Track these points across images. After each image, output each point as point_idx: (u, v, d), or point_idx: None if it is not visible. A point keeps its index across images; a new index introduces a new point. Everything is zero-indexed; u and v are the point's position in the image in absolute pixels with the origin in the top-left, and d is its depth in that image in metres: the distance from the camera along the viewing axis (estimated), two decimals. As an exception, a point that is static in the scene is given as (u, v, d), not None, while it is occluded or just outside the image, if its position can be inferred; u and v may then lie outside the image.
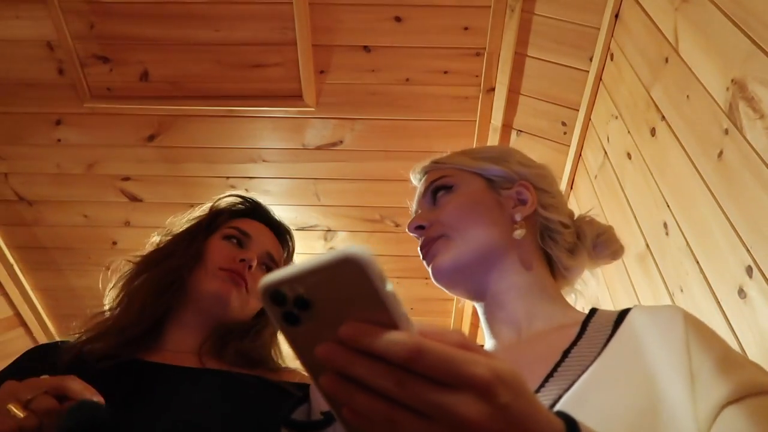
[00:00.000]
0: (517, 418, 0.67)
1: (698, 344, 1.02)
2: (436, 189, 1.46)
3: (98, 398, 1.19)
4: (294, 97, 3.72)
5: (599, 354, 1.10)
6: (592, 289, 3.11)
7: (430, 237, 1.39)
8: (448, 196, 1.43)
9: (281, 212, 4.20)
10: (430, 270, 1.38)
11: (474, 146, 3.79)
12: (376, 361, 0.66)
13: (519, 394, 0.68)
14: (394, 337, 0.66)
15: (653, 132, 2.48)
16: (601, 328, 1.18)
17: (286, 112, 3.80)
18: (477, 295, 1.39)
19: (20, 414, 1.13)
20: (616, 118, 2.92)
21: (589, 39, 3.13)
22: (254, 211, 1.92)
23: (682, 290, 2.20)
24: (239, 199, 1.93)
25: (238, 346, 1.67)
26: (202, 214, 1.88)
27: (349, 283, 0.67)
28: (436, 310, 4.89)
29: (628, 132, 2.77)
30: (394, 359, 0.65)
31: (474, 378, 0.65)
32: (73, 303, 4.67)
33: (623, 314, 1.20)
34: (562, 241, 1.43)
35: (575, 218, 1.50)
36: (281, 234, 1.91)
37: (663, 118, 2.40)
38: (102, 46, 3.57)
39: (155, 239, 1.85)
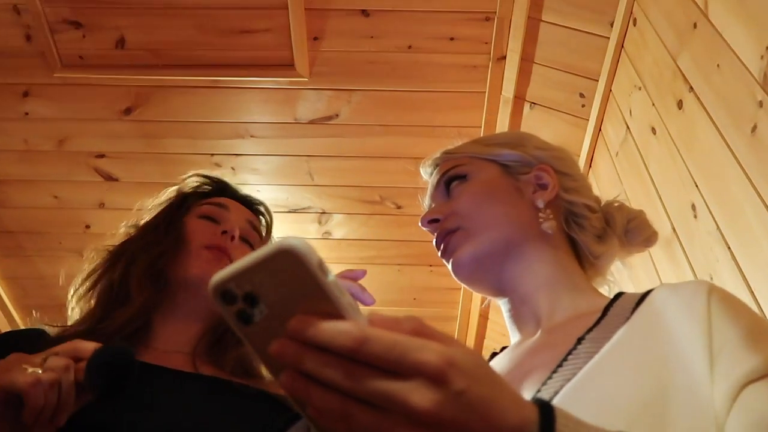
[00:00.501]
0: (475, 404, 0.68)
1: (722, 320, 1.01)
2: (449, 180, 1.47)
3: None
4: (285, 66, 3.72)
5: (611, 339, 1.10)
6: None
7: (446, 229, 1.40)
8: (462, 185, 1.44)
9: (271, 193, 4.23)
10: (450, 266, 1.38)
11: (483, 119, 3.81)
12: (325, 354, 0.69)
13: (477, 380, 0.69)
14: (337, 327, 0.69)
15: (680, 104, 2.48)
16: (620, 312, 1.18)
17: (276, 82, 3.80)
18: (501, 289, 1.39)
19: (38, 370, 1.14)
20: (640, 89, 2.91)
21: (610, 2, 3.12)
22: (223, 190, 1.93)
23: (711, 278, 2.20)
24: (205, 179, 1.95)
25: (240, 354, 1.67)
26: (170, 196, 1.89)
27: (290, 275, 0.70)
28: (441, 300, 4.90)
29: (653, 104, 2.76)
30: (339, 349, 0.68)
31: (423, 365, 0.67)
32: (43, 293, 4.68)
33: (646, 295, 1.19)
34: (589, 227, 1.43)
35: (602, 204, 1.50)
36: (254, 208, 1.94)
37: (691, 89, 2.39)
38: (74, 10, 3.55)
39: (122, 230, 1.85)
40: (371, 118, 3.96)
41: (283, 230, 4.39)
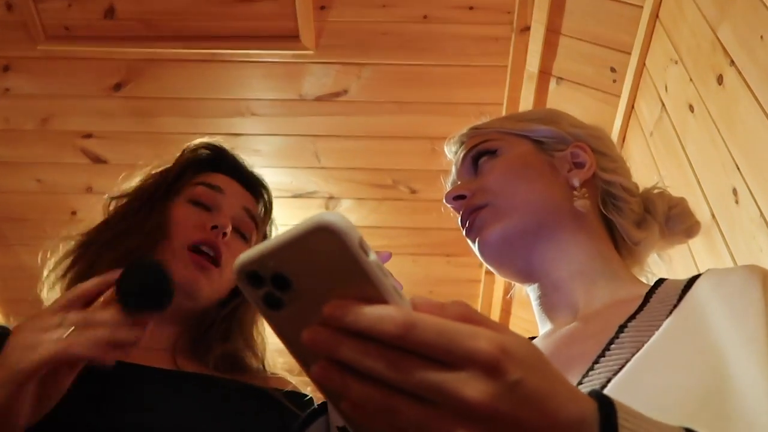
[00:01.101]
0: (532, 396, 0.67)
1: None
2: (478, 154, 1.48)
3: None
4: (289, 37, 3.73)
5: (659, 328, 1.10)
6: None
7: (473, 205, 1.40)
8: (492, 161, 1.44)
9: (274, 176, 4.24)
10: (476, 245, 1.39)
11: (506, 96, 3.82)
12: (365, 341, 0.67)
13: (533, 370, 0.68)
14: (381, 311, 0.67)
15: (720, 80, 2.49)
16: (665, 299, 1.19)
17: (279, 55, 3.82)
18: (530, 274, 1.40)
19: (67, 330, 1.19)
20: (676, 63, 2.92)
21: (645, -33, 3.12)
22: (220, 162, 1.90)
23: (753, 269, 2.21)
24: (203, 145, 1.91)
25: (224, 349, 1.68)
26: (159, 171, 1.85)
27: (327, 255, 0.68)
28: (459, 293, 4.88)
29: (690, 80, 2.77)
30: (383, 337, 0.66)
31: (477, 353, 0.66)
32: (25, 284, 4.63)
33: (693, 281, 1.20)
34: (628, 211, 1.44)
35: (641, 190, 1.51)
36: (254, 187, 1.91)
37: (732, 63, 2.40)
38: (59, -24, 3.57)
39: (107, 201, 1.83)
40: (383, 94, 3.97)
41: (287, 217, 4.39)
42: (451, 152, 1.59)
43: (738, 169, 2.34)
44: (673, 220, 1.47)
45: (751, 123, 2.25)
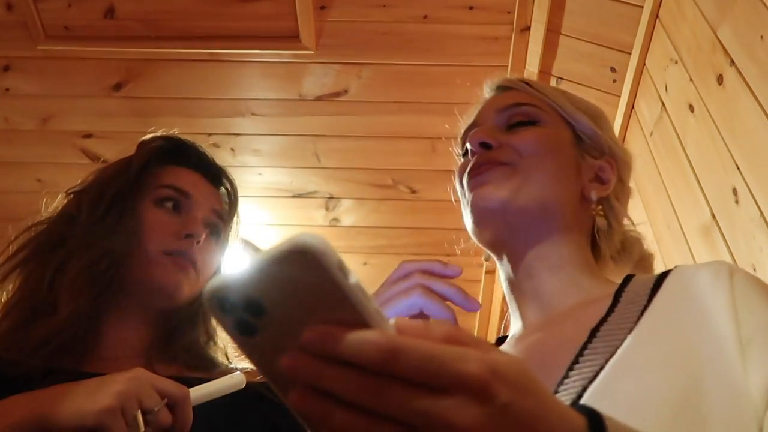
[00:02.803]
0: (522, 419, 0.66)
1: (749, 305, 1.03)
2: (518, 115, 1.43)
3: None
4: (289, 37, 3.73)
5: (631, 330, 1.10)
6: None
7: (497, 159, 1.36)
8: (531, 128, 1.40)
9: (274, 176, 4.24)
10: (472, 195, 1.35)
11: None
12: (348, 368, 0.64)
13: (523, 391, 0.67)
14: (363, 336, 0.64)
15: (720, 80, 2.49)
16: (635, 299, 1.19)
17: (279, 55, 3.82)
18: (506, 247, 1.38)
19: (141, 428, 1.22)
20: (676, 63, 2.92)
21: (645, -33, 3.11)
22: (182, 156, 1.86)
23: (755, 269, 2.21)
24: (161, 141, 1.89)
25: (189, 344, 1.68)
26: (120, 169, 1.79)
27: (304, 279, 0.65)
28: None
29: (691, 80, 2.77)
30: (367, 363, 0.63)
31: (465, 377, 0.64)
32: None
33: (662, 278, 1.20)
34: (612, 242, 1.45)
35: (623, 226, 1.51)
36: (218, 179, 1.87)
37: (732, 62, 2.40)
38: (59, -24, 3.56)
39: (62, 199, 1.80)
40: (383, 94, 3.97)
41: (287, 217, 4.41)
42: (491, 90, 1.56)
43: (738, 168, 2.34)
44: (637, 267, 1.46)
45: (751, 123, 2.25)
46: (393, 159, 4.23)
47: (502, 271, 1.41)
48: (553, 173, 1.36)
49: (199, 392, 1.39)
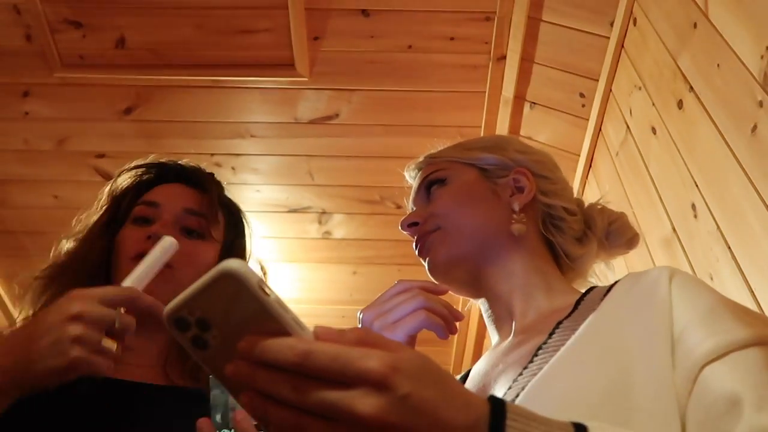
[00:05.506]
0: (422, 407, 0.70)
1: (682, 303, 1.04)
2: (429, 183, 1.51)
3: None
4: (285, 65, 3.72)
5: (575, 330, 1.13)
6: (612, 278, 3.11)
7: (425, 231, 1.44)
8: (441, 189, 1.47)
9: (271, 193, 4.22)
10: (426, 265, 1.42)
11: (483, 119, 3.82)
12: (276, 371, 0.71)
13: (424, 382, 0.71)
14: (281, 343, 0.71)
15: (680, 104, 2.48)
16: (591, 304, 1.21)
17: (276, 82, 3.81)
18: (475, 289, 1.43)
19: (113, 346, 1.22)
20: (640, 89, 2.91)
21: (610, 2, 3.12)
22: (160, 176, 1.82)
23: (711, 278, 2.20)
24: (142, 169, 1.84)
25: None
26: (104, 203, 1.79)
27: (233, 298, 0.73)
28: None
29: (653, 104, 2.77)
30: (285, 365, 0.70)
31: (366, 372, 0.69)
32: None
33: (614, 285, 1.22)
34: (568, 230, 1.45)
35: (585, 207, 1.53)
36: (198, 183, 1.80)
37: (691, 89, 2.39)
38: (74, 9, 3.56)
39: (65, 245, 1.78)
40: (371, 118, 3.97)
41: (283, 230, 4.41)
42: (411, 177, 1.65)
43: (696, 186, 2.33)
44: (613, 234, 1.49)
45: (708, 144, 2.24)
46: (380, 177, 4.22)
47: (483, 308, 1.45)
48: (472, 215, 1.41)
49: (139, 272, 1.39)
